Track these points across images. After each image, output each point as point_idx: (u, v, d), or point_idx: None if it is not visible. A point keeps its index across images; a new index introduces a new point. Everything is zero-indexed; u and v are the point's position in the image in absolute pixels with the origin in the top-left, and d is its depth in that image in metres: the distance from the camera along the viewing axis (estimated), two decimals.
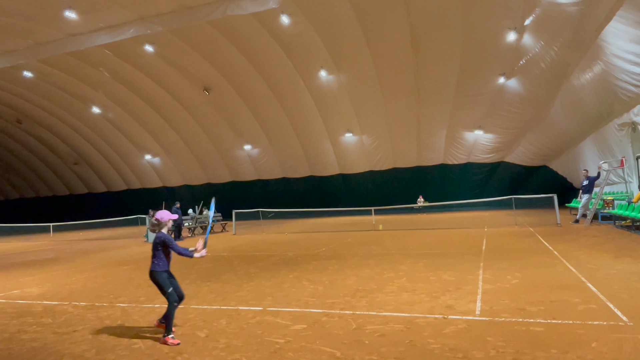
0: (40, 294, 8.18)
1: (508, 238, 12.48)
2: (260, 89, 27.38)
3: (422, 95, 25.41)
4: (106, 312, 6.50)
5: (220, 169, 35.38)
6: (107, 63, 26.40)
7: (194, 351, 4.56)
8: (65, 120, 34.69)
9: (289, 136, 30.74)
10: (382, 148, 29.70)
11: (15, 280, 10.11)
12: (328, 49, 23.51)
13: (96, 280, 9.33)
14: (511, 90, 22.98)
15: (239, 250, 13.38)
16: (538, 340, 4.21)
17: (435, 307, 5.63)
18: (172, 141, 33.95)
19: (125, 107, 31.50)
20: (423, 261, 9.22)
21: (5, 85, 30.11)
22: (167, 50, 24.84)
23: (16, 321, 6.24)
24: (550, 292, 6.00)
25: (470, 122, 26.27)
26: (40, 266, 12.41)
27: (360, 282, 7.49)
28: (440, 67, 23.25)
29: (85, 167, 40.36)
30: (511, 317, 5.00)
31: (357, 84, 25.79)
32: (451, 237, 13.56)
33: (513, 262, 8.48)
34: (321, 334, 4.85)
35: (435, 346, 4.24)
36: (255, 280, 8.19)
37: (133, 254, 14.37)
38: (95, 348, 4.85)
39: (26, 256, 15.60)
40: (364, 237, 15.18)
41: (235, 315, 5.87)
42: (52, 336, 5.41)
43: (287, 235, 18.11)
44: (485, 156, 28.20)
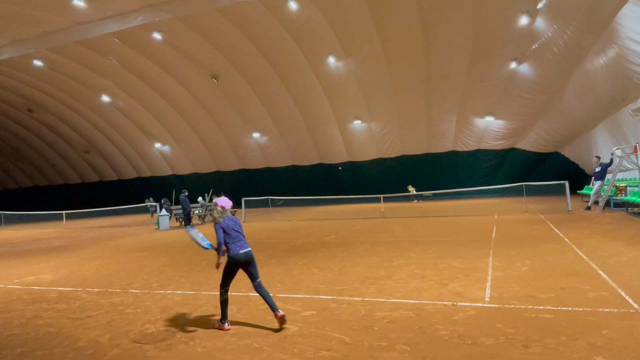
0: (54, 281, 8.33)
1: (518, 225, 12.40)
2: (269, 76, 27.27)
3: (432, 81, 25.13)
4: (119, 298, 6.61)
5: (229, 157, 35.48)
6: (115, 51, 26.43)
7: (206, 336, 4.63)
8: (75, 108, 34.93)
9: (297, 124, 30.66)
10: (391, 135, 29.52)
11: (30, 267, 10.30)
12: (337, 35, 23.28)
13: (109, 267, 9.48)
14: (523, 76, 22.62)
15: (249, 238, 13.43)
16: (548, 327, 4.20)
17: (444, 294, 5.64)
18: (181, 129, 34.07)
19: (134, 96, 31.61)
20: (432, 248, 9.22)
21: (16, 74, 30.32)
22: (175, 38, 24.79)
23: (32, 307, 6.37)
24: (561, 279, 5.97)
25: (481, 108, 25.96)
26: (53, 253, 12.63)
27: (369, 269, 7.52)
28: (451, 52, 22.93)
29: (96, 156, 40.72)
30: (521, 304, 4.99)
31: (366, 70, 25.56)
32: (461, 225, 13.51)
33: (523, 249, 8.43)
34: (330, 320, 4.89)
35: (444, 332, 4.25)
36: (264, 267, 8.26)
37: (144, 241, 14.55)
38: (109, 333, 4.94)
39: (40, 243, 15.88)
40: (372, 225, 15.19)
41: (246, 301, 5.94)
42: (67, 321, 5.52)
43: (295, 222, 18.19)
44: (496, 143, 27.90)
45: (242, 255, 4.85)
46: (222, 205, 5.07)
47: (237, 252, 4.84)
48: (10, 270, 10.00)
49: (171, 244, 13.05)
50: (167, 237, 15.28)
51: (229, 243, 4.89)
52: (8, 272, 9.75)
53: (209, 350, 4.20)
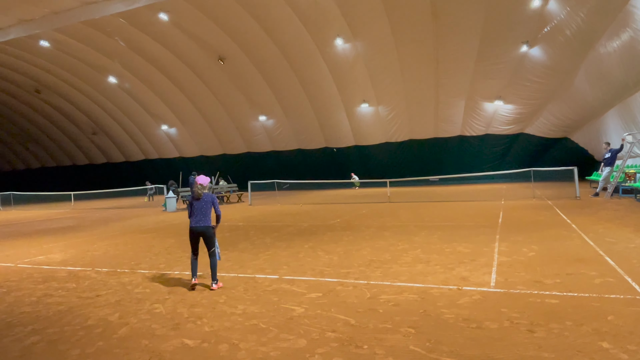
0: (63, 260, 8.46)
1: (525, 211, 12.36)
2: (275, 58, 27.04)
3: (441, 64, 24.81)
4: (127, 278, 6.70)
5: (236, 140, 35.48)
6: (122, 32, 26.29)
7: (213, 316, 4.69)
8: (82, 90, 34.97)
9: (304, 107, 30.50)
10: (399, 119, 29.30)
11: (40, 246, 10.46)
12: (345, 16, 22.96)
13: (117, 248, 9.60)
14: (534, 59, 22.26)
15: (255, 221, 13.55)
16: (553, 312, 4.21)
17: (449, 278, 5.66)
18: (188, 111, 34.04)
19: (140, 77, 31.54)
20: (438, 233, 9.22)
21: (24, 55, 30.32)
22: (181, 19, 24.58)
23: (42, 286, 6.49)
24: (567, 265, 5.97)
25: (490, 92, 25.65)
26: (62, 233, 12.80)
27: (374, 252, 7.55)
28: (461, 34, 22.56)
29: (103, 137, 40.89)
30: (526, 289, 5.00)
31: (374, 53, 25.25)
32: (467, 210, 13.48)
33: (530, 234, 8.42)
34: (336, 302, 4.93)
35: (449, 316, 4.28)
36: (271, 250, 8.32)
37: (152, 222, 14.69)
38: (118, 312, 5.03)
39: (49, 224, 16.08)
40: (378, 209, 15.21)
41: (252, 282, 6.00)
42: (77, 300, 5.62)
43: (302, 206, 18.25)
44: (504, 127, 27.63)
45: (197, 228, 5.93)
46: (200, 183, 5.98)
47: (194, 225, 5.93)
48: (21, 249, 10.16)
49: (178, 226, 13.16)
50: (174, 219, 15.41)
51: (192, 217, 5.94)
52: (19, 251, 9.90)
53: (217, 330, 4.26)
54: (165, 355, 3.76)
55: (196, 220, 5.91)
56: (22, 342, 4.27)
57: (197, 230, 5.92)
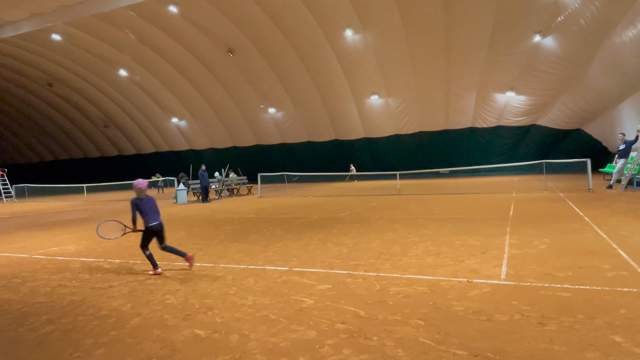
0: (77, 251, 8.59)
1: (537, 203, 12.24)
2: (285, 50, 26.95)
3: (452, 55, 24.51)
4: (139, 269, 6.79)
5: (245, 133, 35.55)
6: (132, 25, 26.38)
7: (224, 307, 4.74)
8: (94, 83, 35.24)
9: (313, 99, 30.41)
10: (409, 111, 29.09)
11: (54, 238, 10.62)
12: (354, 7, 22.75)
13: (129, 239, 9.70)
14: (547, 50, 21.88)
15: (265, 213, 13.61)
16: (564, 306, 4.18)
17: (459, 270, 5.64)
18: (198, 104, 34.14)
19: (151, 70, 31.67)
20: (448, 226, 9.18)
21: (36, 49, 30.59)
22: (191, 11, 24.58)
23: (56, 276, 6.60)
24: (579, 258, 5.91)
25: (502, 84, 25.31)
26: (75, 225, 12.98)
27: (384, 245, 7.54)
28: (472, 25, 22.24)
29: (115, 130, 41.24)
30: (537, 282, 4.96)
31: (384, 44, 25.03)
32: (478, 202, 13.39)
33: (541, 227, 8.34)
34: (345, 294, 4.94)
35: (459, 309, 4.27)
36: (281, 242, 8.35)
37: (163, 214, 14.76)
38: (130, 302, 5.10)
39: (62, 215, 16.31)
40: (388, 202, 15.17)
41: (262, 274, 6.04)
42: (90, 291, 5.71)
43: (311, 198, 18.27)
44: (516, 119, 27.29)
45: (155, 226, 6.44)
46: (139, 187, 6.47)
47: (152, 224, 6.41)
48: (35, 240, 10.33)
49: (189, 218, 13.27)
50: (184, 211, 15.53)
51: (144, 217, 6.37)
52: (33, 242, 10.07)
53: (227, 321, 4.31)
54: (176, 345, 3.81)
55: (152, 218, 6.41)
56: (37, 332, 4.35)
57: (155, 229, 6.43)
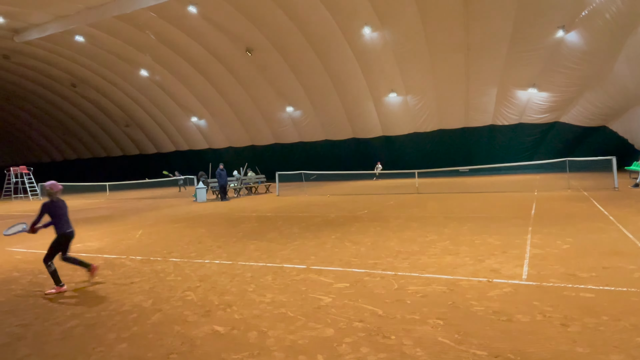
0: (100, 248, 8.78)
1: (560, 202, 11.99)
2: (303, 49, 26.98)
3: (472, 51, 24.15)
4: (160, 266, 6.90)
5: (263, 131, 35.74)
6: (152, 26, 26.77)
7: (243, 304, 4.78)
8: (115, 83, 35.92)
9: (331, 97, 30.37)
10: (428, 109, 28.79)
11: (77, 235, 10.82)
12: (373, 4, 22.62)
13: (150, 237, 9.88)
14: (570, 45, 21.37)
15: (283, 211, 13.66)
16: (588, 307, 4.09)
17: (479, 270, 5.56)
18: (217, 103, 34.46)
19: (171, 70, 32.11)
20: (468, 225, 9.07)
21: (60, 50, 31.34)
22: (210, 11, 24.81)
23: (80, 272, 6.75)
24: (604, 258, 5.77)
25: (524, 80, 24.82)
26: (98, 222, 13.26)
27: (402, 244, 7.49)
28: (493, 20, 21.86)
29: (136, 129, 41.96)
30: (560, 282, 4.87)
31: (403, 41, 24.81)
32: (499, 201, 13.19)
33: (564, 227, 8.16)
34: (363, 292, 4.93)
35: (478, 308, 4.22)
36: (298, 240, 8.38)
37: (183, 212, 15.03)
38: (151, 299, 5.19)
39: (85, 213, 16.69)
40: (406, 200, 15.07)
41: (280, 272, 6.07)
42: (113, 287, 5.83)
43: (329, 197, 18.27)
44: (538, 116, 26.74)
45: (69, 233, 5.99)
46: (53, 189, 6.06)
47: (65, 230, 5.93)
48: None
49: (208, 216, 13.42)
50: (204, 209, 15.72)
51: (58, 223, 5.89)
52: None
53: (246, 318, 4.35)
54: (196, 341, 3.86)
55: (67, 224, 6.02)
56: (62, 326, 4.47)
57: (70, 236, 6.05)
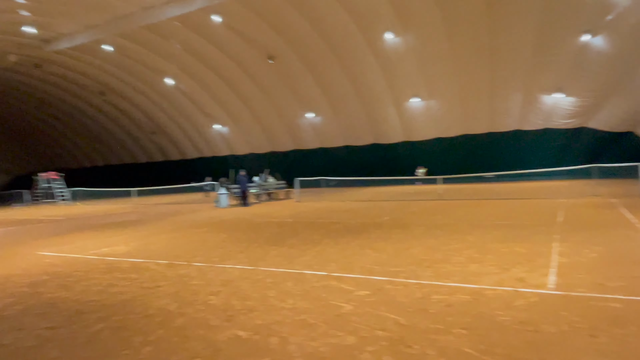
0: (126, 252, 8.98)
1: (587, 209, 11.68)
2: (324, 55, 27.13)
3: (496, 55, 23.85)
4: (184, 270, 7.02)
5: (284, 138, 36.01)
6: (177, 35, 27.40)
7: (264, 309, 4.82)
8: (142, 91, 36.83)
9: (351, 103, 30.40)
10: (452, 113, 28.48)
11: (105, 239, 11.15)
12: (394, 9, 22.63)
13: (174, 241, 10.05)
14: (596, 49, 20.92)
15: (303, 217, 13.71)
16: (616, 317, 3.98)
17: (505, 279, 5.47)
18: (238, 110, 34.94)
19: (195, 78, 32.75)
20: (493, 232, 8.92)
21: (89, 59, 32.36)
22: (233, 20, 25.24)
23: (107, 276, 6.93)
24: (632, 267, 5.60)
25: (549, 84, 24.37)
26: (125, 227, 13.57)
27: (425, 251, 7.42)
28: (517, 24, 21.59)
29: (161, 136, 42.86)
30: (587, 292, 4.75)
31: (425, 46, 24.70)
32: (524, 208, 12.93)
33: (592, 234, 7.95)
34: (385, 300, 4.91)
35: (504, 318, 4.15)
36: (319, 246, 8.39)
37: (206, 217, 15.24)
38: (176, 302, 5.29)
39: (113, 218, 17.10)
40: (429, 207, 14.92)
41: (301, 278, 6.09)
42: (139, 290, 5.96)
43: (349, 203, 18.24)
44: (564, 121, 26.15)
45: None
46: None
47: None
48: (88, 241, 10.89)
49: (230, 221, 13.57)
50: (226, 215, 15.91)
51: None
52: (85, 243, 10.62)
53: (268, 323, 4.38)
54: (219, 345, 3.91)
55: None
56: (89, 329, 4.59)
57: None
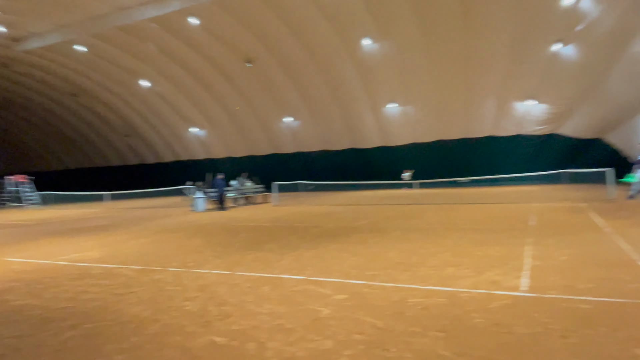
0: (98, 258, 8.75)
1: (557, 214, 12.02)
2: (302, 60, 27.19)
3: (471, 63, 24.39)
4: (159, 275, 6.88)
5: (261, 141, 35.85)
6: (154, 37, 26.98)
7: (241, 314, 4.77)
8: (116, 93, 36.06)
9: (329, 108, 30.54)
10: (427, 119, 28.95)
11: (76, 244, 10.84)
12: (372, 16, 22.88)
13: (148, 246, 9.85)
14: (567, 58, 21.64)
15: (281, 221, 13.66)
16: (586, 318, 4.10)
17: (479, 282, 5.57)
18: (216, 114, 34.61)
19: (171, 80, 32.29)
20: (468, 236, 9.08)
21: (61, 60, 31.50)
22: (210, 23, 25.03)
23: (78, 282, 6.73)
24: (601, 269, 5.79)
25: (522, 92, 25.06)
26: (97, 232, 13.23)
27: (402, 255, 7.49)
28: (491, 33, 22.14)
29: (136, 139, 42.04)
30: (559, 294, 4.88)
31: (402, 52, 25.06)
32: (498, 212, 13.22)
33: (562, 238, 8.19)
34: (362, 304, 4.93)
35: (479, 321, 4.22)
36: (296, 251, 8.37)
37: (181, 222, 15.01)
38: (150, 309, 5.17)
39: (85, 222, 16.64)
40: (405, 211, 15.08)
41: (279, 283, 6.06)
42: (111, 297, 5.81)
43: (327, 207, 18.27)
44: (536, 128, 26.92)
45: None
46: None
47: None
48: (58, 247, 10.56)
49: (207, 226, 13.40)
50: (203, 219, 15.70)
51: None
52: (56, 248, 10.30)
53: (245, 329, 4.34)
54: (195, 352, 3.85)
55: None
56: (59, 337, 4.44)
57: None
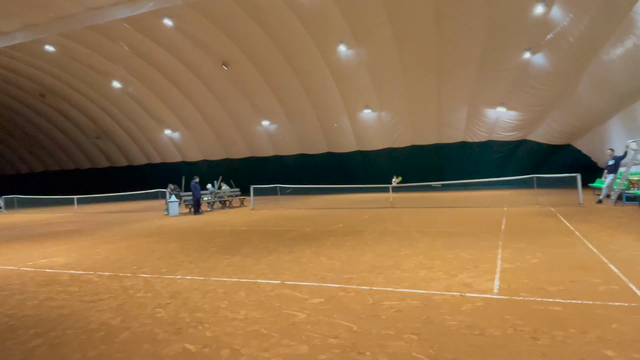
0: (66, 264, 8.46)
1: (528, 217, 12.32)
2: (279, 64, 27.15)
3: (444, 70, 24.86)
4: (129, 282, 6.70)
5: (239, 145, 35.58)
6: (126, 37, 26.45)
7: (215, 321, 4.68)
8: (87, 94, 35.16)
9: (307, 112, 30.60)
10: (401, 125, 29.35)
11: (43, 250, 10.47)
12: (348, 23, 23.07)
13: (119, 252, 9.60)
14: (537, 66, 22.28)
15: (257, 225, 13.54)
16: (557, 320, 4.19)
17: (452, 284, 5.63)
18: (191, 116, 34.17)
19: (144, 82, 31.70)
20: (441, 239, 9.20)
21: (29, 60, 30.52)
22: (185, 24, 24.72)
23: (45, 289, 6.49)
24: (570, 272, 5.94)
25: (493, 99, 25.67)
26: (65, 237, 12.81)
27: (377, 258, 7.53)
28: (464, 42, 22.63)
29: (106, 141, 41.05)
30: (530, 296, 4.97)
31: (377, 59, 25.34)
32: (470, 216, 13.45)
33: (533, 241, 8.38)
34: (338, 308, 4.91)
35: (452, 323, 4.26)
36: (273, 255, 8.30)
37: (154, 226, 14.70)
38: (120, 316, 5.02)
39: (52, 227, 16.11)
40: (381, 215, 15.18)
41: (254, 287, 5.98)
42: (79, 304, 5.62)
43: (304, 211, 18.24)
44: (507, 134, 27.63)
45: None
46: None
47: None
48: (24, 252, 10.17)
49: (181, 230, 13.17)
50: (176, 223, 15.42)
51: None
52: (22, 254, 9.92)
53: (218, 335, 4.25)
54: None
55: None
56: (24, 345, 4.26)
57: None
